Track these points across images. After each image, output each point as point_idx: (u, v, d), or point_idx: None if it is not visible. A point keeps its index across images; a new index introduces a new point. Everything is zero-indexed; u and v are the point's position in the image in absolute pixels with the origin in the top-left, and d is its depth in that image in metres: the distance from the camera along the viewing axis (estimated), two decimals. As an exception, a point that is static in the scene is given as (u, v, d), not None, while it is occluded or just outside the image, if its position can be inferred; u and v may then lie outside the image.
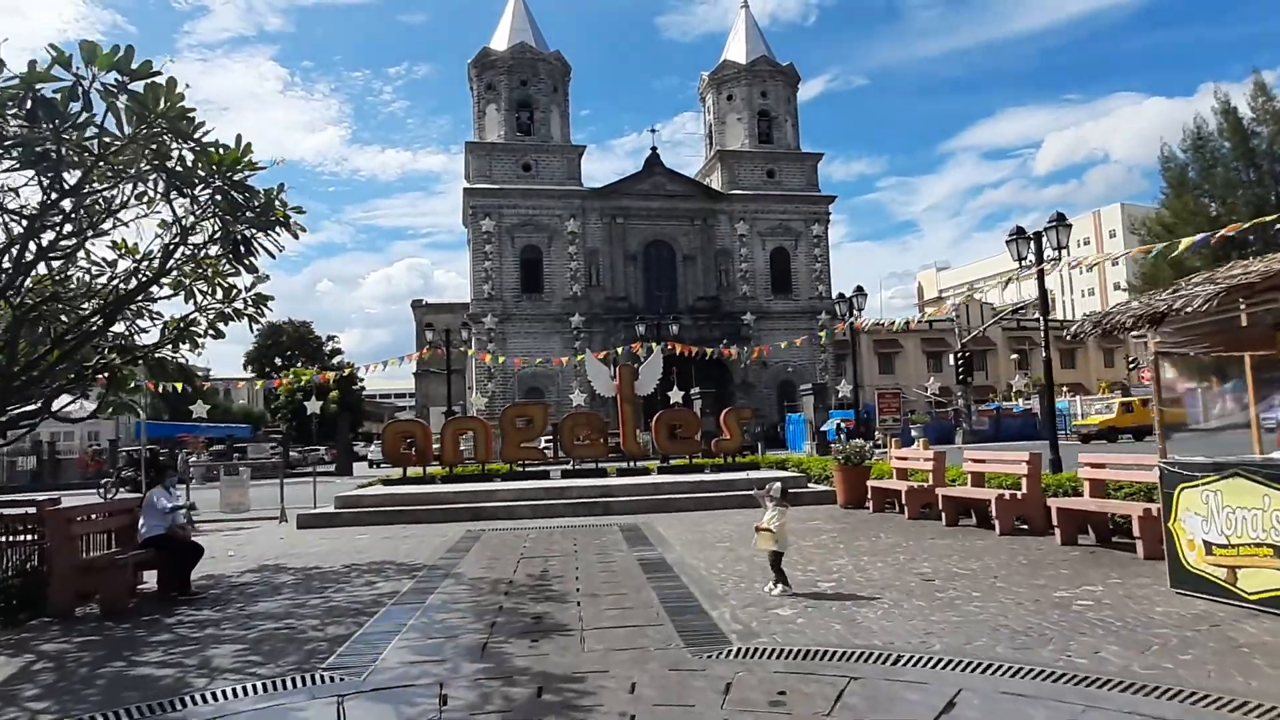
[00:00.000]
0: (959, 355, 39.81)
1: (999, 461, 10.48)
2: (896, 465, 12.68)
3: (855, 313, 17.53)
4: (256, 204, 7.55)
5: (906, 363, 67.27)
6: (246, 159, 7.68)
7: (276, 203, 8.54)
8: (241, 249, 7.55)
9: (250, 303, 9.75)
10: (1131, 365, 47.64)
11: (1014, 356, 65.48)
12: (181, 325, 9.57)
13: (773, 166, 62.60)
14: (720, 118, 64.52)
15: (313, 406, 38.71)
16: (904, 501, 11.36)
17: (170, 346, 9.68)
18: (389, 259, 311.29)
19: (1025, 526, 9.69)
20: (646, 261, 60.58)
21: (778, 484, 6.90)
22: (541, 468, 17.28)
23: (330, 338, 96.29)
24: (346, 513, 13.72)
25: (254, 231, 7.72)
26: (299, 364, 77.13)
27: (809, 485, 14.80)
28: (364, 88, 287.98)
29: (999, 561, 7.85)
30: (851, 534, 10.11)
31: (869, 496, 12.50)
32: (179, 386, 17.07)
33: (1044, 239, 12.19)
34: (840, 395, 42.81)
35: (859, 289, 17.64)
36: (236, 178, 7.34)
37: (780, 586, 6.66)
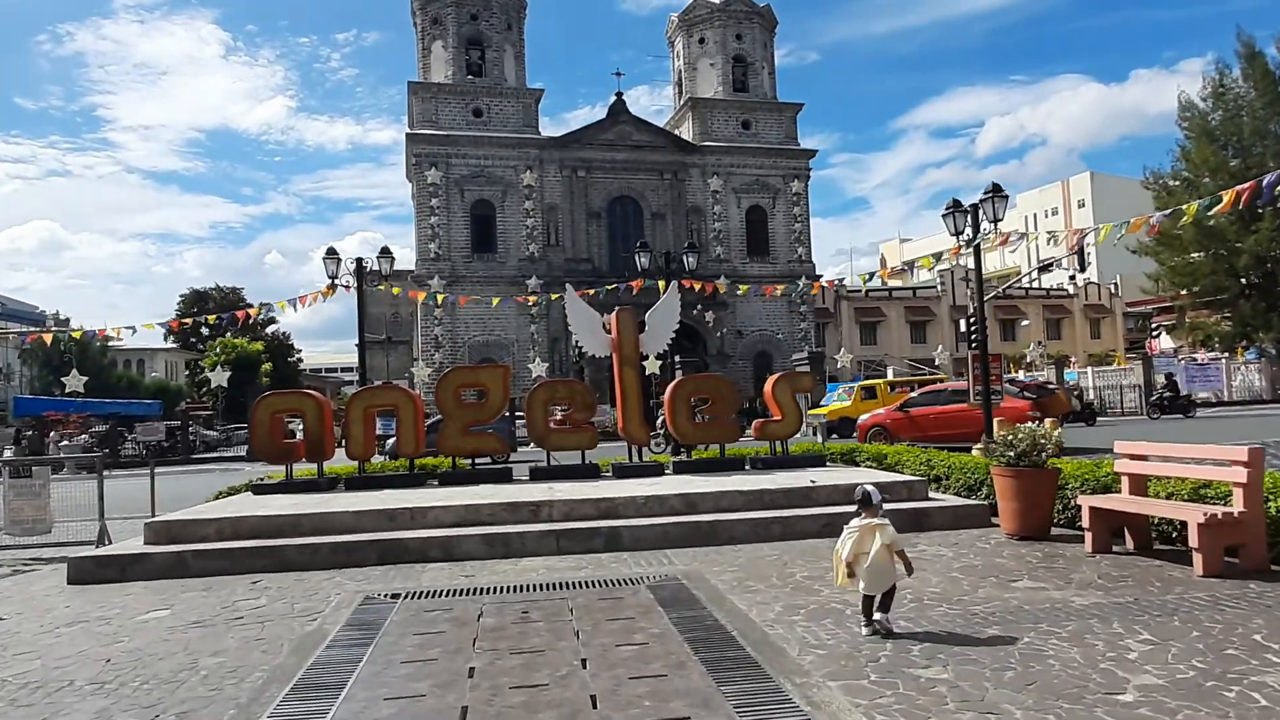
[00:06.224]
0: (969, 319, 35.13)
1: None
2: (1127, 470, 7.27)
3: (993, 224, 11.56)
4: None
5: (889, 332, 62.69)
6: None
7: None
8: None
9: None
10: (1154, 332, 43.31)
11: (1025, 323, 61.05)
12: None
13: (748, 117, 56.94)
14: (691, 63, 58.57)
15: (218, 378, 31.78)
16: (1196, 544, 5.97)
17: None
18: (339, 232, 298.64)
19: None
20: (611, 219, 54.65)
21: (868, 487, 4.63)
22: (500, 464, 11.61)
23: (264, 305, 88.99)
24: (164, 554, 7.89)
25: None
26: (227, 334, 70.26)
27: (930, 496, 9.37)
28: (311, 54, 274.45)
29: None
30: (1161, 625, 4.72)
31: (1085, 523, 7.09)
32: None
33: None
34: (840, 365, 37.90)
35: (995, 187, 11.66)
36: None
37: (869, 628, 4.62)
